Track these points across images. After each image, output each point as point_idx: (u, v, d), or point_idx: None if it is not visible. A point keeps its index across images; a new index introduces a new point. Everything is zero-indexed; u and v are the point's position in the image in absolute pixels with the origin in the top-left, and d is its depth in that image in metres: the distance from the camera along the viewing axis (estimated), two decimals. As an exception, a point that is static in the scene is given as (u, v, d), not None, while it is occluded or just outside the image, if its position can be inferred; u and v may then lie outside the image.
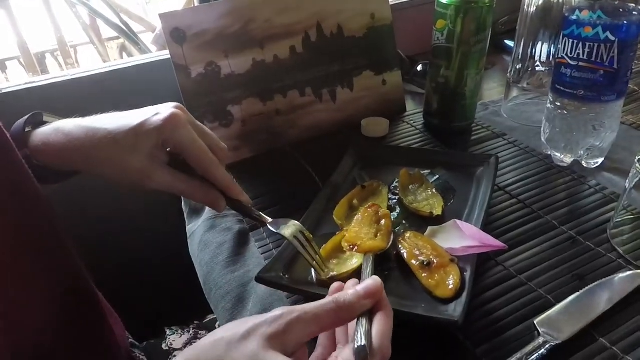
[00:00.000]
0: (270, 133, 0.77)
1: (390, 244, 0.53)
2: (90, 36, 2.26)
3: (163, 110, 0.47)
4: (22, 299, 0.45)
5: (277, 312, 0.34)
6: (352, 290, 0.37)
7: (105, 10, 1.94)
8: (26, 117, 0.51)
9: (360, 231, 0.53)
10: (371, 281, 0.37)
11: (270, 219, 0.52)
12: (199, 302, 0.66)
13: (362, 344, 0.33)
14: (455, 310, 0.45)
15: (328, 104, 0.81)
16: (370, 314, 0.36)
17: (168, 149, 0.49)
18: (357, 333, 0.35)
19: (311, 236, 0.52)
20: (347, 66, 0.81)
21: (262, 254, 0.59)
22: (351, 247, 0.51)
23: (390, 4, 0.83)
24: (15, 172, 0.45)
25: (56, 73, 0.87)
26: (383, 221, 0.55)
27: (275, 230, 0.51)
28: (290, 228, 0.51)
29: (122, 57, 2.40)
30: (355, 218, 0.56)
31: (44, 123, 0.51)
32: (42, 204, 0.48)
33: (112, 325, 0.59)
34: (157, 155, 0.48)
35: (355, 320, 0.36)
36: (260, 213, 0.53)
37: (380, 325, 0.35)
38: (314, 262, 0.50)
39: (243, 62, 0.74)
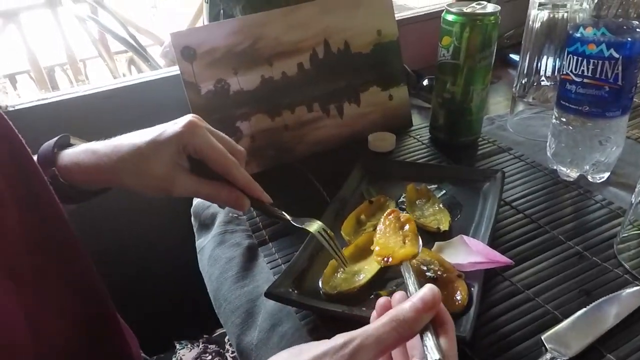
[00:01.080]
0: (278, 148, 0.78)
1: (420, 247, 0.50)
2: (99, 50, 2.29)
3: (181, 120, 0.51)
4: (43, 315, 0.46)
5: (338, 340, 0.33)
6: (408, 303, 0.34)
7: (114, 25, 1.97)
8: (55, 139, 0.54)
9: (387, 241, 0.51)
10: (427, 291, 0.35)
11: (291, 217, 0.54)
12: (208, 317, 0.67)
13: (439, 358, 0.33)
14: (463, 325, 0.46)
15: (335, 119, 0.82)
16: (432, 325, 0.35)
17: (188, 156, 0.52)
18: (426, 348, 0.34)
19: (332, 234, 0.53)
20: (354, 82, 0.82)
21: (270, 269, 0.60)
22: (385, 259, 0.49)
23: (397, 18, 0.84)
24: (39, 188, 0.47)
25: (68, 89, 0.89)
26: (407, 226, 0.53)
27: (299, 226, 0.53)
28: (313, 225, 0.53)
29: (130, 71, 2.43)
30: (378, 229, 0.53)
31: (70, 145, 0.55)
32: (64, 222, 0.50)
33: (128, 341, 0.60)
34: (179, 162, 0.51)
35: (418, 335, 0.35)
36: (282, 212, 0.54)
37: (447, 337, 0.35)
38: (337, 257, 0.52)
39: (252, 79, 0.75)
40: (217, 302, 0.60)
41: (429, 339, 0.34)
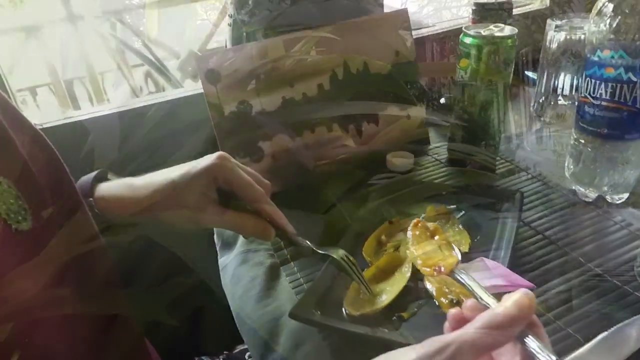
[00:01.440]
0: (299, 167, 0.80)
1: (459, 254, 0.50)
2: (118, 64, 2.33)
3: (211, 155, 0.54)
4: (71, 334, 0.47)
5: (432, 346, 0.33)
6: (501, 309, 0.34)
7: (133, 40, 2.00)
8: (94, 172, 0.58)
9: (428, 252, 0.51)
10: (522, 295, 0.34)
11: (314, 246, 0.55)
12: (228, 333, 0.68)
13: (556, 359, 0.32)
14: (485, 349, 0.46)
15: (354, 138, 0.83)
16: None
17: (217, 189, 0.54)
18: (534, 351, 0.33)
19: (355, 261, 0.54)
20: (372, 102, 0.83)
21: (293, 289, 0.61)
22: (437, 269, 0.48)
23: (414, 36, 0.86)
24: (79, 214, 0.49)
25: (91, 109, 0.91)
26: (437, 235, 0.54)
27: (323, 252, 0.54)
28: (336, 252, 0.54)
29: (147, 84, 2.46)
30: (409, 242, 0.54)
31: (107, 180, 0.58)
32: (99, 243, 0.52)
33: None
34: (208, 194, 0.54)
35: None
36: (306, 241, 0.56)
37: (542, 340, 0.34)
38: (362, 285, 0.53)
39: (273, 100, 0.77)
40: (240, 321, 0.61)
41: (533, 342, 0.33)
